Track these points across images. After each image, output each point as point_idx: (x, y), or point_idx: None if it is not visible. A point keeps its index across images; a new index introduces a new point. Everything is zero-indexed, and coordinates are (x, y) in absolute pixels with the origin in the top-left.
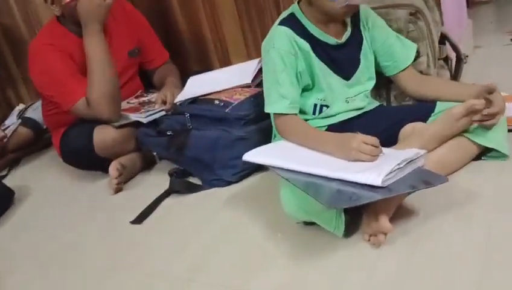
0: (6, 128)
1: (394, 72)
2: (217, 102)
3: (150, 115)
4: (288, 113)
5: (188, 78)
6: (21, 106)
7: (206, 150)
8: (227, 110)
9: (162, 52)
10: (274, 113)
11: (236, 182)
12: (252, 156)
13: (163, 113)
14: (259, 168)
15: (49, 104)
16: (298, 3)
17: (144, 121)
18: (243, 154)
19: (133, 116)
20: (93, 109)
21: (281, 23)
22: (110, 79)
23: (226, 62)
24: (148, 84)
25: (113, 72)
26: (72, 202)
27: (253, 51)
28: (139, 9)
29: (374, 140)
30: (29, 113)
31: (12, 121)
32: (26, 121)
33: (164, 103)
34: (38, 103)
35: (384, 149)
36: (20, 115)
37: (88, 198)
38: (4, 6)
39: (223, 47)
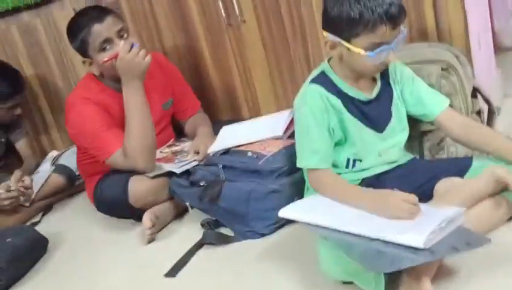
0: (40, 175)
1: (432, 118)
2: (250, 154)
3: (183, 165)
4: (320, 168)
5: (219, 127)
6: (54, 153)
7: (239, 202)
8: (260, 163)
9: (194, 102)
10: (308, 169)
11: (270, 234)
12: (288, 212)
13: (196, 163)
14: (292, 222)
15: (84, 154)
16: (328, 61)
17: (178, 171)
18: (276, 207)
19: (167, 167)
20: (129, 159)
21: (312, 81)
22: (147, 131)
23: (256, 113)
24: (180, 132)
25: (150, 124)
26: (105, 251)
27: (283, 102)
28: (173, 61)
29: (413, 198)
30: (62, 160)
31: (45, 167)
32: (59, 168)
33: (197, 153)
34: (72, 150)
35: (422, 206)
36: (54, 161)
37: (120, 247)
38: (41, 55)
39: (254, 98)
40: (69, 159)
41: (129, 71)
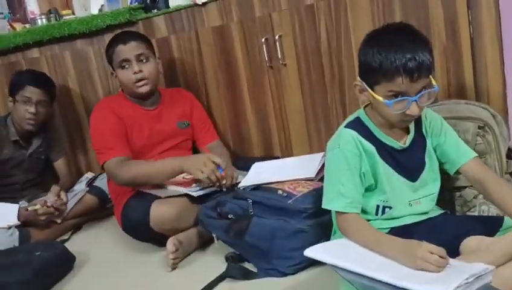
0: (75, 194)
1: (456, 168)
2: (280, 192)
3: (201, 189)
4: (348, 212)
5: (251, 163)
6: (89, 174)
7: (264, 238)
8: (289, 202)
9: (212, 132)
10: (336, 211)
11: (292, 274)
12: (315, 252)
13: (214, 189)
14: (316, 262)
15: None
16: (364, 108)
17: (194, 194)
18: (300, 247)
19: (184, 190)
20: (117, 175)
21: (347, 126)
22: (149, 180)
23: (288, 153)
24: None
25: (157, 181)
26: (128, 274)
27: (315, 146)
28: (212, 97)
29: (441, 251)
30: (97, 182)
31: (80, 187)
32: (93, 189)
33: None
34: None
35: (451, 260)
36: (89, 183)
37: (144, 271)
38: (88, 80)
39: (287, 139)
40: (103, 181)
41: (192, 165)
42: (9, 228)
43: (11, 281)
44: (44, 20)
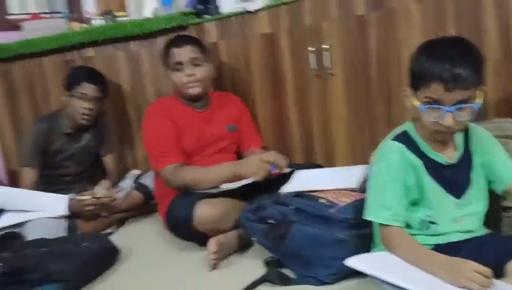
0: (120, 190)
1: (503, 187)
2: (322, 200)
3: (240, 182)
4: (392, 225)
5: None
6: (136, 171)
7: (304, 246)
8: (331, 211)
9: (258, 139)
10: (380, 224)
11: (330, 283)
12: (356, 262)
13: (252, 180)
14: (355, 273)
15: None
16: (412, 121)
17: (234, 186)
18: (340, 257)
19: (224, 186)
20: (173, 181)
21: (394, 139)
22: (203, 185)
23: (329, 163)
24: None
25: (211, 186)
26: (169, 270)
27: (358, 156)
28: (258, 102)
29: (487, 271)
30: (142, 179)
31: (127, 183)
32: (140, 186)
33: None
34: (152, 172)
35: (495, 281)
36: (136, 179)
37: (185, 269)
38: (139, 81)
39: (329, 149)
40: (149, 179)
41: (247, 169)
42: (59, 218)
43: (59, 269)
44: (100, 20)
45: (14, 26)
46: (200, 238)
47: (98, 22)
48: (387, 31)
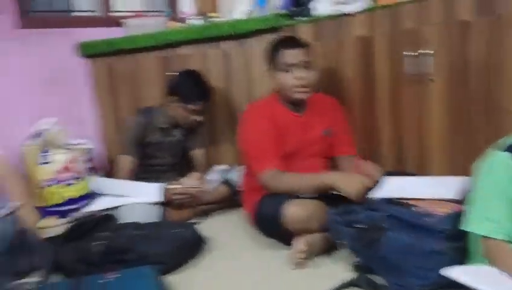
0: (209, 182)
1: None
2: (416, 209)
3: None
4: (496, 238)
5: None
6: (222, 166)
7: (397, 254)
8: (428, 220)
9: (350, 144)
10: (482, 236)
11: None
12: (455, 273)
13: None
14: (448, 286)
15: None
16: None
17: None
18: (435, 268)
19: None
20: (271, 186)
21: (503, 150)
22: (298, 193)
23: (421, 171)
24: None
25: (306, 194)
26: (253, 265)
27: (454, 166)
28: (349, 105)
29: None
30: (229, 174)
31: (214, 177)
32: (227, 181)
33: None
34: (239, 168)
35: None
36: (222, 174)
37: (268, 265)
38: (231, 80)
39: (423, 157)
40: (235, 175)
41: (344, 187)
42: (151, 204)
43: (155, 251)
44: (195, 20)
45: (117, 23)
46: (285, 237)
47: (193, 21)
48: (493, 37)
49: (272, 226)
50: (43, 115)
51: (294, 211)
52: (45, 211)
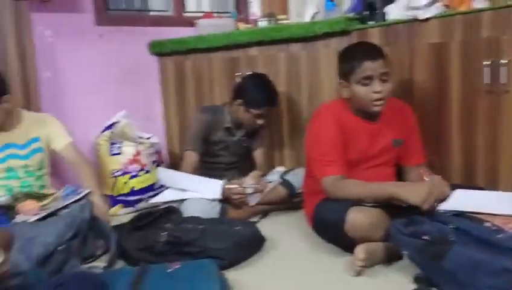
0: (269, 181)
1: None
2: (488, 224)
3: None
4: None
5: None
6: (281, 168)
7: (464, 269)
8: (499, 237)
9: (421, 153)
10: None
11: None
12: None
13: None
14: None
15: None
16: None
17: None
18: (505, 287)
19: None
20: (333, 192)
21: None
22: (360, 201)
23: (492, 186)
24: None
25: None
26: (310, 268)
27: None
28: (417, 113)
29: None
30: (288, 176)
31: (273, 178)
32: (285, 182)
33: None
34: (299, 170)
35: None
36: (282, 175)
37: (326, 270)
38: (296, 83)
39: (495, 170)
40: (295, 177)
41: (413, 198)
42: (213, 200)
43: (216, 247)
44: (264, 22)
45: (189, 23)
46: (346, 244)
47: (261, 23)
48: None
49: (332, 232)
50: (115, 108)
51: (357, 218)
52: (112, 200)
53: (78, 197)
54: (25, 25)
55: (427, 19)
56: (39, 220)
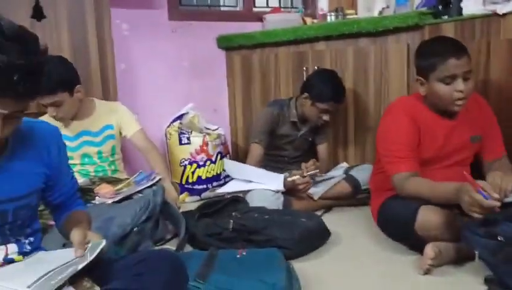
0: (330, 178)
1: None
2: None
3: None
4: None
5: None
6: (344, 164)
7: None
8: None
9: (500, 146)
10: None
11: None
12: None
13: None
14: None
15: (380, 163)
16: None
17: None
18: None
19: None
20: (403, 190)
21: None
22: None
23: None
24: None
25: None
26: (375, 265)
27: None
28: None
29: None
30: (353, 172)
31: (337, 173)
32: (349, 178)
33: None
34: (364, 166)
35: None
36: (347, 171)
37: (393, 268)
38: (363, 78)
39: None
40: (359, 173)
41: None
42: (277, 192)
43: (282, 237)
44: (332, 17)
45: (258, 18)
46: (414, 242)
47: (329, 18)
48: None
49: (400, 230)
50: (184, 100)
51: (428, 217)
52: (180, 187)
53: (150, 183)
54: (105, 18)
55: (505, 14)
56: (114, 203)
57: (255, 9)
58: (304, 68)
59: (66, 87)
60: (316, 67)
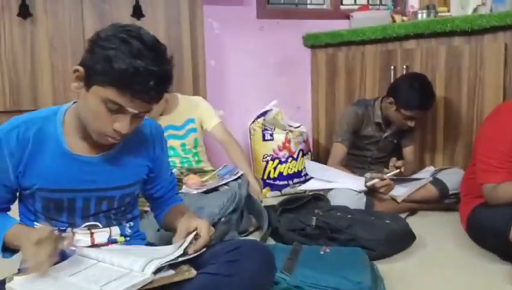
0: (417, 179)
1: None
2: None
3: None
4: None
5: None
6: (431, 168)
7: None
8: None
9: None
10: None
11: None
12: None
13: None
14: None
15: (474, 167)
16: None
17: None
18: None
19: None
20: (493, 199)
21: None
22: None
23: None
24: None
25: None
26: (463, 273)
27: None
28: None
29: None
30: (441, 176)
31: (423, 175)
32: (436, 181)
33: None
34: (453, 170)
35: None
36: (433, 174)
37: (481, 277)
38: (456, 78)
39: None
40: (447, 177)
41: None
42: (359, 192)
43: (366, 237)
44: (423, 15)
45: (345, 16)
46: (507, 252)
47: (421, 15)
48: None
49: (492, 238)
50: (269, 96)
51: None
52: (262, 182)
53: (235, 177)
54: (198, 16)
55: None
56: (201, 194)
57: (342, 7)
58: (392, 67)
59: None
60: (404, 66)
